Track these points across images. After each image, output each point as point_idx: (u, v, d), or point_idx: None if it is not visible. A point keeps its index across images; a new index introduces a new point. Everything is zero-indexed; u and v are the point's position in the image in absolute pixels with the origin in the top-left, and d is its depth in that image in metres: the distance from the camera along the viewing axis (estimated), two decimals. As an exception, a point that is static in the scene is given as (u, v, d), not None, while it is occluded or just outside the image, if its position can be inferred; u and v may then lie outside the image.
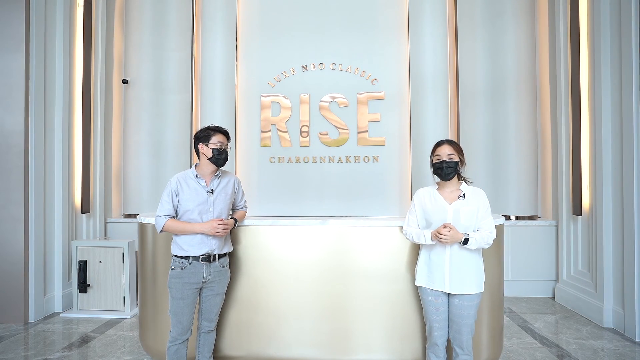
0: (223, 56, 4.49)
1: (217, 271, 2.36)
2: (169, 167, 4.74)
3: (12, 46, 3.71)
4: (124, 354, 3.07)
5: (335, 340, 2.63)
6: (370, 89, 4.44)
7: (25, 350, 3.13)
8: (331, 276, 2.64)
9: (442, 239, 2.06)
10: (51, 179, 4.00)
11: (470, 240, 2.07)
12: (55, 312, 4.03)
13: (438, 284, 2.17)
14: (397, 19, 4.49)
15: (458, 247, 2.13)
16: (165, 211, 2.30)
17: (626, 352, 3.07)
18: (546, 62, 4.70)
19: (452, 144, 2.23)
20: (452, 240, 2.06)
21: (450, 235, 2.05)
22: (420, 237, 2.19)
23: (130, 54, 4.82)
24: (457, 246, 2.13)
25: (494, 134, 4.60)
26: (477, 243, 2.09)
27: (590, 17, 3.85)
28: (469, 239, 2.07)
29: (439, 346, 2.21)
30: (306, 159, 4.45)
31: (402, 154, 4.42)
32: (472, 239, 2.07)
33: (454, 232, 2.06)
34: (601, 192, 3.67)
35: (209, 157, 2.34)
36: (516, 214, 4.56)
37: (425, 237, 2.16)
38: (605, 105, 3.66)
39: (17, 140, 3.70)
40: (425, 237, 2.15)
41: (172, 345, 2.30)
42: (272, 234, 2.69)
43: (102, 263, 3.94)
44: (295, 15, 4.53)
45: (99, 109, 4.62)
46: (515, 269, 4.54)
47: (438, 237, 2.08)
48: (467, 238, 2.07)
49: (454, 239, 2.06)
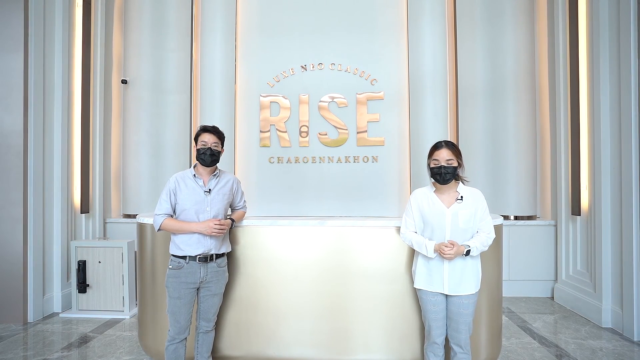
0: (222, 56, 4.48)
1: (215, 271, 2.36)
2: (168, 167, 4.73)
3: (11, 46, 3.71)
4: (123, 354, 3.07)
5: (335, 340, 2.63)
6: (369, 89, 4.44)
7: (25, 351, 3.13)
8: (330, 276, 2.64)
9: (446, 255, 2.07)
10: (50, 179, 4.00)
11: (471, 251, 2.09)
12: (55, 312, 4.02)
13: (437, 286, 2.17)
14: (396, 19, 4.49)
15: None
16: (163, 210, 2.32)
17: (625, 352, 3.07)
18: (545, 62, 4.71)
19: (451, 147, 2.18)
20: (455, 255, 2.07)
21: (454, 251, 2.06)
22: (422, 248, 2.17)
23: (129, 54, 4.82)
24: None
25: (493, 134, 4.60)
26: (477, 250, 2.11)
27: (589, 18, 3.86)
28: (470, 250, 2.08)
29: (437, 345, 2.22)
30: (305, 159, 4.45)
31: (402, 154, 4.43)
32: (473, 249, 2.09)
33: (456, 247, 2.07)
34: (600, 192, 3.67)
35: (196, 157, 2.38)
36: (515, 214, 4.56)
37: (427, 249, 2.14)
38: (604, 106, 3.66)
39: (16, 140, 3.70)
40: (428, 249, 2.14)
41: (170, 344, 2.31)
42: (271, 234, 2.69)
43: (102, 263, 3.94)
44: (295, 15, 4.54)
45: (98, 109, 4.61)
46: (514, 269, 4.54)
47: (441, 253, 2.09)
48: (469, 250, 2.08)
49: (457, 254, 2.07)
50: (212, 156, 2.36)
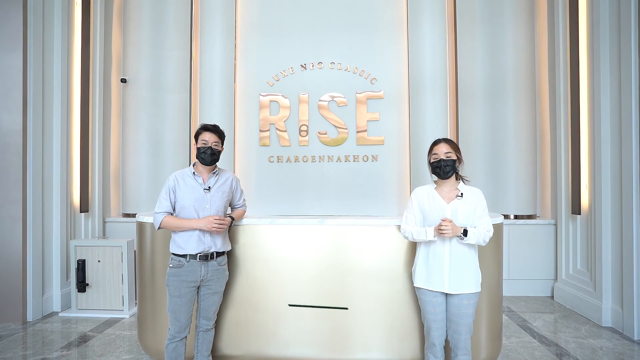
0: (222, 55, 4.48)
1: (215, 270, 2.36)
2: (168, 166, 4.73)
3: (9, 45, 3.70)
4: (123, 353, 3.06)
5: (334, 339, 2.62)
6: (369, 88, 4.44)
7: (24, 350, 3.12)
8: (330, 275, 2.64)
9: (444, 230, 2.07)
10: (49, 178, 3.99)
11: (468, 233, 2.09)
12: (54, 312, 4.02)
13: (437, 285, 2.17)
14: (396, 18, 4.49)
15: (457, 244, 2.14)
16: (163, 208, 2.32)
17: (625, 351, 3.07)
18: (545, 61, 4.70)
19: (449, 142, 2.25)
20: (452, 232, 2.07)
21: (451, 226, 2.07)
22: (421, 234, 2.18)
23: (128, 53, 4.81)
24: (456, 244, 2.14)
25: (493, 133, 4.59)
26: (475, 237, 2.11)
27: (590, 16, 3.85)
28: (468, 231, 2.09)
29: (436, 346, 2.21)
30: (305, 158, 4.45)
31: (401, 153, 4.42)
32: (470, 232, 2.10)
33: (453, 224, 2.08)
34: (600, 191, 3.67)
35: (196, 156, 2.37)
36: (515, 213, 4.56)
37: (427, 233, 2.16)
38: (604, 104, 3.66)
39: (15, 139, 3.69)
40: (427, 233, 2.15)
41: (170, 343, 2.30)
42: (270, 233, 2.68)
43: (101, 262, 3.94)
44: (295, 14, 4.53)
45: (97, 107, 4.60)
46: (514, 268, 4.54)
47: (439, 231, 2.09)
48: (466, 230, 2.09)
49: (454, 231, 2.08)
50: (212, 155, 2.35)
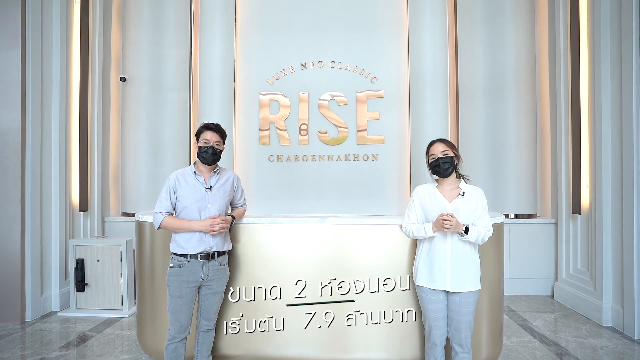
0: (222, 54, 4.46)
1: (216, 269, 2.35)
2: (167, 165, 4.71)
3: (8, 43, 3.68)
4: (122, 353, 3.05)
5: (334, 338, 2.62)
6: (369, 87, 4.42)
7: (22, 350, 3.11)
8: (330, 274, 2.63)
9: (446, 224, 2.06)
10: (48, 177, 3.97)
11: (470, 230, 2.09)
12: (53, 311, 4.00)
13: (439, 283, 2.16)
14: (396, 17, 4.48)
15: (458, 242, 2.14)
16: (163, 208, 2.29)
17: (625, 351, 3.07)
18: (546, 60, 4.69)
19: (444, 141, 2.27)
20: (455, 227, 2.06)
21: (454, 223, 2.05)
22: (421, 231, 2.19)
23: (127, 51, 4.79)
24: (457, 242, 2.15)
25: (493, 132, 4.58)
26: (476, 234, 2.11)
27: (590, 16, 3.84)
28: (469, 228, 2.09)
29: (438, 346, 2.21)
30: (305, 157, 4.44)
31: (402, 152, 4.42)
32: (471, 229, 2.10)
33: (456, 220, 2.08)
34: (600, 190, 3.67)
35: (197, 155, 2.35)
36: (515, 213, 4.55)
37: (425, 229, 2.16)
38: (605, 104, 3.65)
39: (14, 138, 3.67)
40: (426, 229, 2.16)
41: (171, 343, 2.29)
42: (271, 232, 2.67)
43: (100, 262, 3.92)
44: (295, 13, 4.52)
45: (96, 106, 4.58)
46: (514, 268, 4.53)
47: (442, 225, 2.07)
48: (467, 227, 2.09)
49: (457, 227, 2.07)
50: (214, 155, 2.34)
